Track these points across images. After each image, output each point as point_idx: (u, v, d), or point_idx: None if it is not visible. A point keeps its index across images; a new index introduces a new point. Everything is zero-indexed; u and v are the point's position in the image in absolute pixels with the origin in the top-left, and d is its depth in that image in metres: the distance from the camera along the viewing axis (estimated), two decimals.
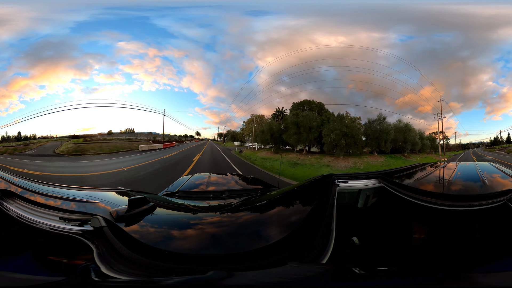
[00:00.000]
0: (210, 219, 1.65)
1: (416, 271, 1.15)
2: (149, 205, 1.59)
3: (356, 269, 1.05)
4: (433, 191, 1.75)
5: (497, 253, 1.38)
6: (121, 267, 1.06)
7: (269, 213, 1.75)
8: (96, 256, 1.12)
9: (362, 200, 2.06)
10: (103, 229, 1.24)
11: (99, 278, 1.01)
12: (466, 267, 1.30)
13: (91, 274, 1.02)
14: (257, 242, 1.32)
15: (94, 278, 1.01)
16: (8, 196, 1.42)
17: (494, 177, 2.13)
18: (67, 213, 1.38)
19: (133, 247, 1.15)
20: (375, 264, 1.42)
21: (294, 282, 0.97)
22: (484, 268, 1.26)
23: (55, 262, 1.25)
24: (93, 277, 1.01)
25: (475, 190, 1.83)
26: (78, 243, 1.23)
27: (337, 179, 1.91)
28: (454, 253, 1.52)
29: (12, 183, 1.78)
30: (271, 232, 1.40)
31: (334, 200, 1.55)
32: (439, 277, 1.03)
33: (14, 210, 1.34)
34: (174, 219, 1.70)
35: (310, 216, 1.39)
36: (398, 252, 1.60)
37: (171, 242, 1.31)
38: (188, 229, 1.50)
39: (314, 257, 1.15)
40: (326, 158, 22.24)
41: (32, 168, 16.63)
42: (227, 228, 1.51)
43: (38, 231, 1.29)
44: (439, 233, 1.67)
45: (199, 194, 2.80)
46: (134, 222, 1.40)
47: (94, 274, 1.02)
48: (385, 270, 1.18)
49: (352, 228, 1.76)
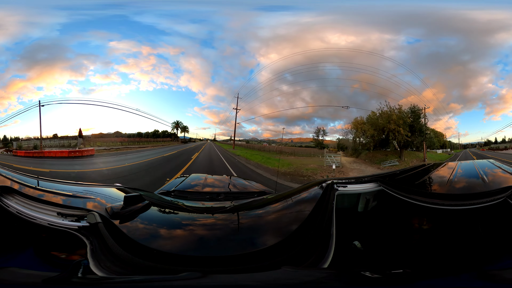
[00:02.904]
0: (203, 221, 1.63)
1: (438, 272, 1.11)
2: (144, 203, 1.60)
3: (366, 273, 1.01)
4: (434, 192, 1.74)
5: (505, 250, 1.36)
6: (107, 264, 1.07)
7: (264, 217, 1.72)
8: (89, 252, 1.14)
9: (362, 204, 2.04)
10: (98, 225, 1.25)
11: (84, 274, 1.03)
12: (478, 266, 1.27)
13: (79, 270, 1.04)
14: (249, 245, 1.30)
15: (79, 274, 1.02)
16: (7, 192, 1.43)
17: (493, 175, 2.13)
18: (64, 209, 1.40)
19: (125, 244, 1.16)
20: (385, 267, 1.39)
21: (288, 285, 0.94)
22: (495, 265, 1.24)
23: (56, 257, 1.28)
24: (79, 273, 1.03)
25: (476, 189, 1.82)
26: (75, 239, 1.24)
27: (335, 184, 1.89)
28: (461, 252, 1.50)
29: (11, 179, 1.80)
30: (265, 236, 1.38)
31: (333, 205, 1.54)
32: (463, 277, 1.01)
33: (14, 206, 1.36)
34: (167, 218, 1.70)
35: (308, 221, 1.37)
36: (403, 254, 1.58)
37: (161, 241, 1.31)
38: (179, 229, 1.50)
39: (313, 262, 1.13)
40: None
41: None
42: (219, 231, 1.50)
43: (37, 226, 1.31)
44: (443, 233, 1.65)
45: (194, 195, 2.76)
46: (129, 219, 1.41)
47: (81, 270, 1.04)
48: (401, 273, 1.14)
49: (353, 232, 1.73)
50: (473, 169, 2.40)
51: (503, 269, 1.16)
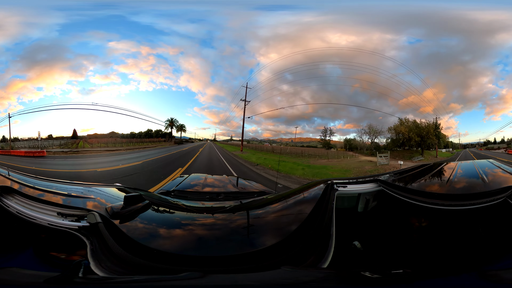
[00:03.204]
0: (203, 221, 1.63)
1: (438, 272, 1.11)
2: (144, 203, 1.61)
3: (366, 273, 1.01)
4: (433, 192, 1.74)
5: (505, 250, 1.36)
6: (108, 264, 1.07)
7: (264, 217, 1.72)
8: (89, 252, 1.14)
9: (362, 204, 2.04)
10: (98, 225, 1.25)
11: (85, 274, 1.03)
12: (477, 266, 1.27)
13: (80, 270, 1.05)
14: (249, 246, 1.30)
15: (79, 274, 1.03)
16: (7, 192, 1.43)
17: (493, 175, 2.12)
18: (64, 209, 1.40)
19: (125, 244, 1.16)
20: (385, 267, 1.38)
21: (286, 285, 0.94)
22: (494, 266, 1.24)
23: (56, 258, 1.28)
24: (80, 273, 1.03)
25: (476, 189, 1.82)
26: (75, 239, 1.24)
27: (335, 184, 1.89)
28: (461, 252, 1.50)
29: (11, 179, 1.80)
30: (264, 236, 1.37)
31: (333, 205, 1.54)
32: (463, 277, 1.01)
33: (14, 206, 1.36)
34: (167, 218, 1.70)
35: (307, 221, 1.37)
36: (403, 254, 1.57)
37: (161, 241, 1.31)
38: (179, 229, 1.50)
39: (313, 262, 1.13)
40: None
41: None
42: (218, 231, 1.50)
43: (37, 226, 1.31)
44: (443, 233, 1.65)
45: (194, 195, 2.75)
46: (129, 219, 1.41)
47: (82, 270, 1.04)
48: (401, 273, 1.14)
49: (353, 232, 1.73)
50: (473, 169, 2.40)
51: (503, 269, 1.16)
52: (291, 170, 16.44)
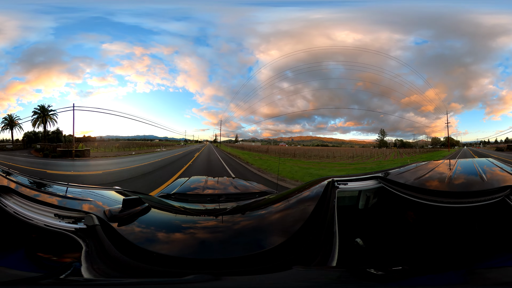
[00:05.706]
0: (205, 223, 1.62)
1: (429, 269, 1.13)
2: (144, 206, 1.59)
3: (371, 270, 1.03)
4: (433, 189, 1.75)
5: (498, 248, 1.39)
6: (101, 267, 1.06)
7: (268, 217, 1.71)
8: (83, 254, 1.13)
9: (362, 201, 2.06)
10: (96, 227, 1.24)
11: (71, 276, 1.02)
12: (469, 263, 1.30)
13: (67, 272, 1.03)
14: (256, 246, 1.29)
15: (62, 276, 1.01)
16: (5, 192, 1.42)
17: (492, 174, 2.14)
18: (62, 210, 1.39)
19: (122, 247, 1.15)
20: (386, 264, 1.40)
21: (303, 286, 0.94)
22: (484, 264, 1.26)
23: (45, 259, 1.26)
24: (64, 275, 1.02)
25: (474, 187, 1.83)
26: (70, 241, 1.23)
27: (336, 182, 1.91)
28: (456, 249, 1.52)
29: (9, 178, 1.78)
30: (270, 237, 1.37)
31: (334, 202, 1.55)
32: (452, 274, 1.03)
33: (11, 206, 1.35)
34: (167, 221, 1.68)
35: (311, 220, 1.37)
36: (403, 251, 1.60)
37: (160, 244, 1.31)
38: (179, 232, 1.49)
39: (321, 260, 1.13)
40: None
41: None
42: (221, 233, 1.49)
43: (33, 227, 1.30)
44: (440, 230, 1.67)
45: (195, 197, 2.75)
46: (127, 222, 1.40)
47: (69, 272, 1.03)
48: (400, 270, 1.16)
49: (355, 229, 1.75)
50: (472, 167, 2.42)
51: (492, 267, 1.19)
52: None
